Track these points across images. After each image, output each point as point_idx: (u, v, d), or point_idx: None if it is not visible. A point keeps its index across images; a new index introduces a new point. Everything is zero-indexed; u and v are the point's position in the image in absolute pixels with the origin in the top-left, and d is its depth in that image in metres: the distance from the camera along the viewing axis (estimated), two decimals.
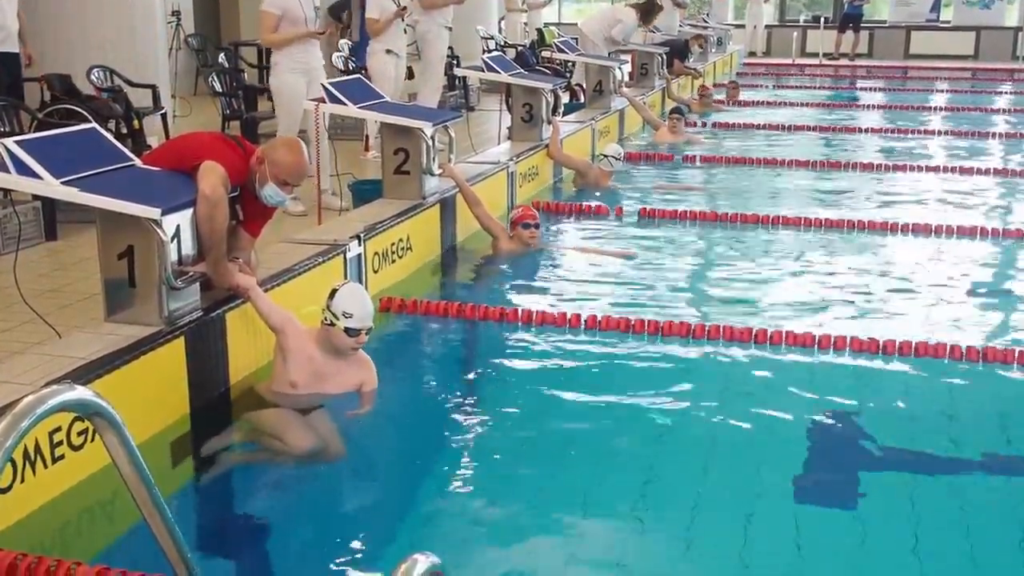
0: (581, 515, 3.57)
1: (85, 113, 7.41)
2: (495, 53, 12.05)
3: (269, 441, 3.96)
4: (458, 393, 4.70)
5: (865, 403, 4.53)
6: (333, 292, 4.24)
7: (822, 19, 23.97)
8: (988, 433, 4.29)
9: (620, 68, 11.83)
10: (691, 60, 15.54)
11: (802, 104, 15.22)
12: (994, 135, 12.58)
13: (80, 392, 2.32)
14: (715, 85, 15.14)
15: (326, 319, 4.20)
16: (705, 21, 20.37)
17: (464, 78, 13.01)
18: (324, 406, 4.20)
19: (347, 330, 4.17)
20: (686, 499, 3.65)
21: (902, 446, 4.16)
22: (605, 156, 8.84)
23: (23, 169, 3.94)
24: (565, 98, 11.06)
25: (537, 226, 6.59)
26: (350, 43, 12.96)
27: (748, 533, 3.42)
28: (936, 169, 10.04)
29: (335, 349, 4.25)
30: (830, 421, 4.36)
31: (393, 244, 5.96)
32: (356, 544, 3.37)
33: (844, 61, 22.47)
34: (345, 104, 6.51)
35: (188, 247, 4.18)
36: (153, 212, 3.94)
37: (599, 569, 3.29)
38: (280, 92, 7.74)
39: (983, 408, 4.57)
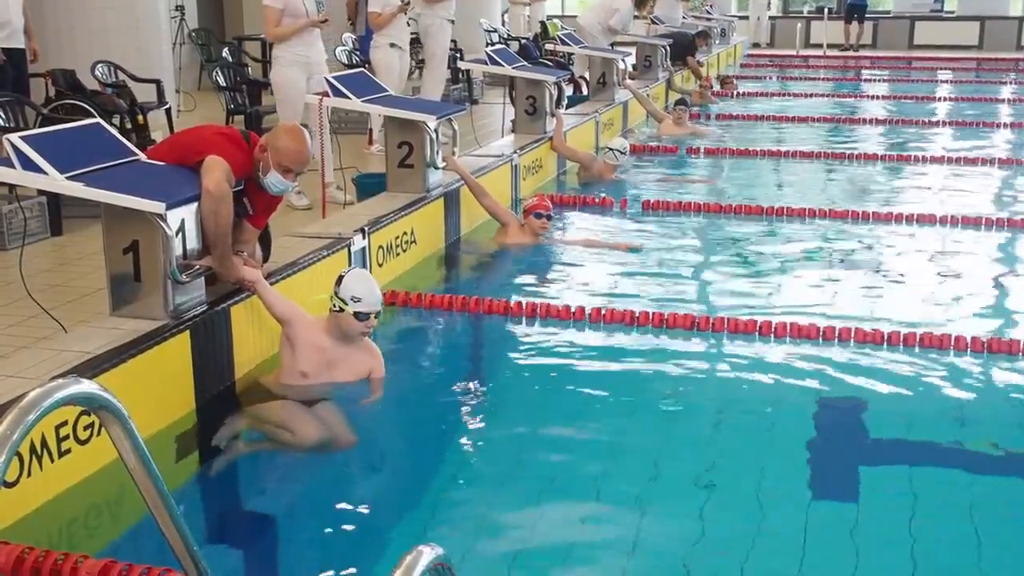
0: (587, 507, 3.57)
1: (90, 108, 7.43)
2: (498, 46, 12.04)
3: (275, 433, 3.97)
4: (463, 386, 4.70)
5: (869, 395, 4.52)
6: (340, 278, 4.25)
7: (826, 10, 23.92)
8: (993, 425, 4.28)
9: (623, 60, 11.80)
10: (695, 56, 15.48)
11: (806, 95, 15.18)
12: (999, 125, 12.54)
13: (86, 386, 2.32)
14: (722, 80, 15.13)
15: (335, 305, 4.21)
16: (708, 12, 20.32)
17: (468, 71, 13.00)
18: (332, 397, 4.21)
19: (356, 314, 4.18)
20: (692, 490, 3.65)
21: (907, 438, 4.16)
22: (610, 149, 8.83)
23: (28, 164, 3.95)
24: (568, 91, 11.04)
25: (550, 217, 6.61)
26: (354, 37, 12.95)
27: (754, 524, 3.42)
28: (941, 159, 10.01)
29: (345, 336, 4.26)
30: (835, 413, 4.37)
31: (397, 237, 5.96)
32: (361, 536, 3.38)
33: (850, 52, 22.42)
34: (349, 98, 6.51)
35: (193, 241, 4.19)
36: (158, 207, 3.95)
37: (605, 560, 3.29)
38: (280, 86, 7.73)
39: (988, 400, 4.57)
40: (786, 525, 3.42)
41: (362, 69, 8.39)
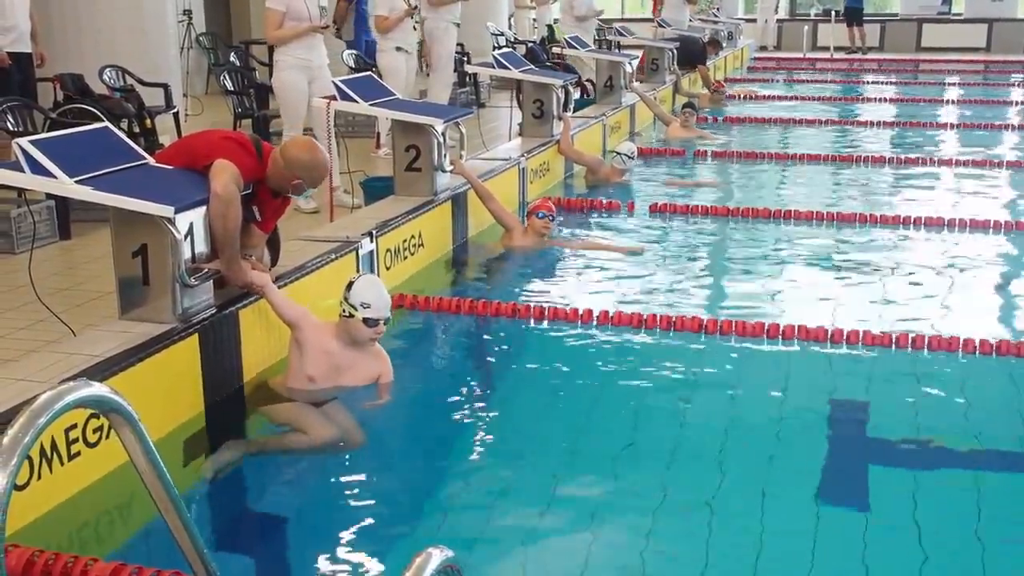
0: (595, 509, 3.57)
1: (98, 112, 7.44)
2: (505, 49, 12.05)
3: (285, 434, 3.98)
4: (471, 389, 4.71)
5: (877, 397, 4.52)
6: (350, 284, 4.27)
7: (833, 13, 23.89)
8: (1001, 427, 4.27)
9: (630, 63, 11.80)
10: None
11: (813, 98, 15.17)
12: (1008, 127, 12.51)
13: (96, 388, 2.33)
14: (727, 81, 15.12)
15: (344, 311, 4.23)
16: (715, 15, 20.30)
17: (475, 75, 13.00)
18: (339, 399, 4.22)
19: (366, 320, 4.20)
20: (699, 491, 3.65)
21: (915, 440, 4.15)
22: (618, 153, 8.80)
23: (37, 168, 3.96)
24: (575, 94, 11.03)
25: (552, 218, 6.60)
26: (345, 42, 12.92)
27: (761, 526, 3.42)
28: (949, 162, 10.00)
29: (353, 341, 4.27)
30: (843, 415, 4.36)
31: (405, 241, 5.97)
32: (370, 538, 3.39)
33: (857, 55, 22.39)
34: (356, 101, 6.52)
35: (201, 245, 4.20)
36: (166, 210, 3.96)
37: (614, 562, 3.29)
38: (281, 90, 7.76)
39: (996, 401, 4.56)
40: (794, 526, 3.42)
41: (369, 73, 8.40)
